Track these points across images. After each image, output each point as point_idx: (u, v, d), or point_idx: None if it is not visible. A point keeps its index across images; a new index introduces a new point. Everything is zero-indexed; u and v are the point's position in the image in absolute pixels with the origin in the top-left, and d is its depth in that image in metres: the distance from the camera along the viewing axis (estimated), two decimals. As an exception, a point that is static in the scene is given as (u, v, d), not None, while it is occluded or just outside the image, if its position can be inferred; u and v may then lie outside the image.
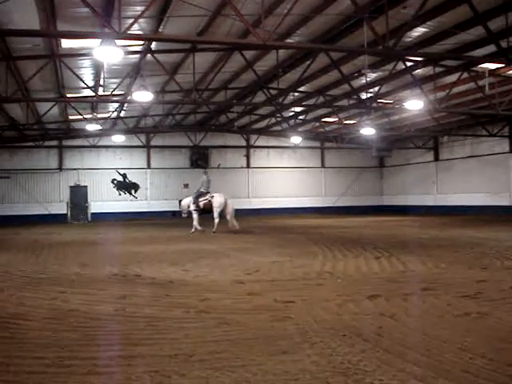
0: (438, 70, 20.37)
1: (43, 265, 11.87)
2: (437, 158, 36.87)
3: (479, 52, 17.42)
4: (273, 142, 39.30)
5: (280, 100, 24.88)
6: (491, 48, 16.13)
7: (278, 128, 35.82)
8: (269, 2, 13.76)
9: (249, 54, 18.84)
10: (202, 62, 19.66)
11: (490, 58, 17.33)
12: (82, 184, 35.12)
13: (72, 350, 5.22)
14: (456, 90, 21.95)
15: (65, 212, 34.17)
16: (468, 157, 33.91)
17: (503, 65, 18.00)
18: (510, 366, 4.48)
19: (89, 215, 34.40)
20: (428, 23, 15.50)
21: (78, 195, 34.48)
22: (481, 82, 20.49)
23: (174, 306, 7.08)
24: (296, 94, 25.66)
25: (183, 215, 23.07)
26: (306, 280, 9.12)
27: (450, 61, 19.25)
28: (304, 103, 26.40)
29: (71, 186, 34.77)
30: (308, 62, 19.62)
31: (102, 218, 34.07)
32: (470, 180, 33.38)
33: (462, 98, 24.89)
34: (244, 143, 39.25)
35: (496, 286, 8.08)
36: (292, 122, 33.12)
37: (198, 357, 4.89)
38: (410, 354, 4.87)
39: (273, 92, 24.37)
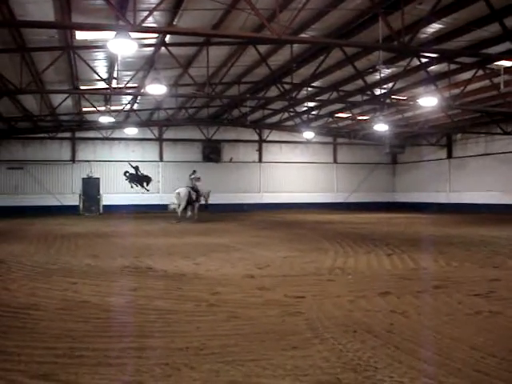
0: (453, 66, 20.23)
1: (55, 256, 11.94)
2: (450, 156, 36.65)
3: (495, 49, 17.29)
4: (285, 136, 39.20)
5: (293, 95, 24.83)
6: (507, 45, 16.03)
7: (290, 123, 35.76)
8: (284, -4, 13.73)
9: (263, 48, 18.80)
10: (216, 55, 19.65)
11: (505, 56, 17.22)
12: (95, 176, 35.27)
13: (83, 341, 5.25)
14: (470, 87, 21.80)
15: (77, 203, 34.33)
16: (482, 155, 33.69)
17: (519, 62, 17.87)
18: (522, 366, 4.46)
19: (101, 207, 34.54)
20: (444, 19, 15.39)
21: (91, 187, 34.65)
22: (496, 80, 20.34)
23: (186, 299, 7.10)
24: (309, 88, 25.57)
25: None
26: (317, 276, 9.11)
27: (465, 58, 19.11)
28: (317, 98, 26.31)
29: (84, 178, 34.94)
30: (322, 57, 19.57)
31: (113, 210, 34.16)
32: (483, 178, 33.16)
33: (476, 96, 24.70)
34: (256, 138, 39.19)
35: (508, 285, 8.04)
36: (305, 117, 33.04)
37: (209, 350, 4.90)
38: (421, 352, 4.85)
39: (286, 87, 24.32)
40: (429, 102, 21.20)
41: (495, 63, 19.48)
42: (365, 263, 10.58)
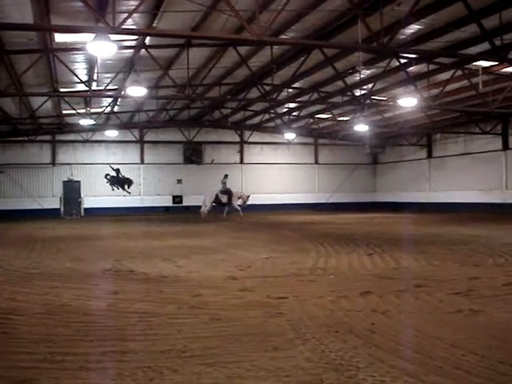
0: (432, 67, 20.38)
1: (36, 260, 11.84)
2: (430, 156, 36.93)
3: (473, 50, 17.45)
4: (266, 138, 39.25)
5: (274, 96, 24.86)
6: (485, 46, 16.18)
7: (271, 124, 35.81)
8: (263, -3, 13.76)
9: (243, 49, 18.81)
10: (196, 57, 19.62)
11: (483, 56, 17.37)
12: (75, 179, 35.04)
13: (64, 345, 5.21)
14: (449, 87, 21.97)
15: (58, 207, 34.08)
16: (461, 154, 33.97)
17: (497, 62, 18.03)
18: (501, 363, 4.49)
19: (82, 210, 34.32)
20: (422, 20, 15.50)
21: (71, 190, 34.42)
22: (474, 80, 20.50)
23: (167, 302, 7.08)
24: (290, 90, 25.63)
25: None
26: (299, 276, 9.13)
27: (444, 58, 19.27)
28: (298, 99, 26.37)
29: (64, 181, 34.70)
30: (302, 59, 19.63)
31: (95, 213, 33.96)
32: (462, 177, 33.44)
33: (455, 96, 24.92)
34: (238, 139, 39.19)
35: (488, 283, 8.11)
36: (286, 118, 33.10)
37: (191, 352, 4.89)
38: (403, 351, 4.89)
39: (267, 88, 24.36)
40: (408, 102, 21.35)
41: (473, 63, 19.63)
42: (346, 263, 10.62)
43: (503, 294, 7.35)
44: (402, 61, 19.35)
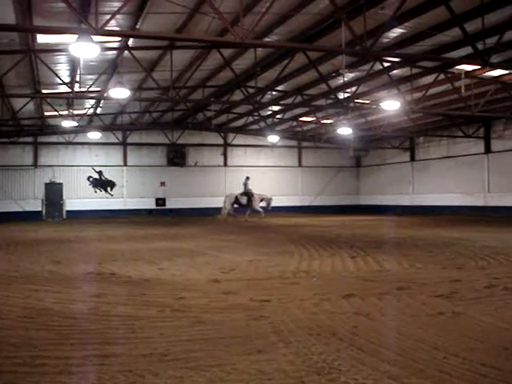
0: (415, 70, 20.52)
1: (17, 263, 11.72)
2: (413, 159, 37.17)
3: (456, 53, 17.60)
4: (250, 140, 39.27)
5: (258, 99, 24.88)
6: (468, 50, 16.29)
7: (255, 127, 35.82)
8: (247, 0, 13.74)
9: (227, 52, 18.79)
10: (180, 59, 19.57)
11: (466, 60, 17.52)
12: (58, 181, 34.85)
13: (45, 349, 5.15)
14: (432, 91, 22.13)
15: (40, 209, 33.86)
16: (444, 157, 34.23)
17: (479, 66, 18.18)
18: (483, 366, 4.51)
19: (64, 213, 34.15)
20: (405, 24, 15.58)
21: (53, 192, 34.22)
22: (457, 84, 20.67)
23: (149, 305, 7.03)
24: (274, 92, 25.66)
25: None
26: (282, 279, 9.11)
27: (427, 62, 19.39)
28: (281, 102, 26.38)
29: (46, 183, 34.49)
30: (286, 61, 19.64)
31: (77, 215, 33.78)
32: (445, 180, 33.69)
33: (438, 99, 25.11)
34: (221, 141, 39.17)
35: (470, 286, 8.15)
36: (269, 120, 33.15)
37: (173, 356, 4.86)
38: (385, 353, 4.89)
39: (250, 91, 24.38)
40: (391, 105, 21.45)
41: (456, 67, 19.80)
42: (329, 266, 10.63)
43: (485, 297, 7.39)
44: (386, 64, 19.48)
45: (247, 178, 29.84)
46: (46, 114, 28.97)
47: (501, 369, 4.44)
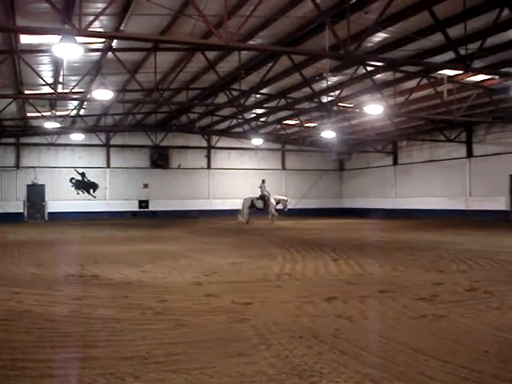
0: (398, 75, 20.65)
1: (-3, 264, 11.62)
2: (395, 162, 37.36)
3: (438, 58, 17.72)
4: (234, 143, 39.25)
5: (242, 101, 24.88)
6: (450, 55, 16.41)
7: (239, 129, 35.82)
8: (232, 3, 13.74)
9: (211, 54, 18.78)
10: (164, 61, 19.52)
11: (448, 65, 17.65)
12: (40, 182, 34.56)
13: (25, 352, 5.11)
14: (415, 95, 22.26)
15: (21, 211, 33.58)
16: (426, 161, 34.44)
17: (461, 71, 18.33)
18: (464, 368, 4.54)
19: (46, 214, 33.90)
20: (389, 29, 15.67)
21: (36, 194, 33.97)
22: (439, 88, 20.83)
23: (131, 308, 7.00)
24: (258, 95, 25.68)
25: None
26: (265, 282, 9.12)
27: (410, 66, 19.51)
28: (265, 105, 26.42)
29: (28, 185, 34.21)
30: (270, 65, 19.68)
31: (59, 217, 33.53)
32: (427, 184, 33.88)
33: (420, 104, 25.27)
34: (205, 144, 39.09)
35: (451, 289, 8.21)
36: (253, 123, 33.15)
37: (154, 359, 4.84)
38: (366, 356, 4.90)
39: (234, 93, 24.37)
40: (375, 109, 21.55)
41: (439, 72, 19.95)
42: (312, 269, 10.65)
43: (466, 300, 7.45)
44: (369, 68, 19.57)
45: (263, 182, 29.54)
46: (29, 114, 28.76)
47: (481, 372, 4.47)
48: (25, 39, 16.41)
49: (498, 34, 15.39)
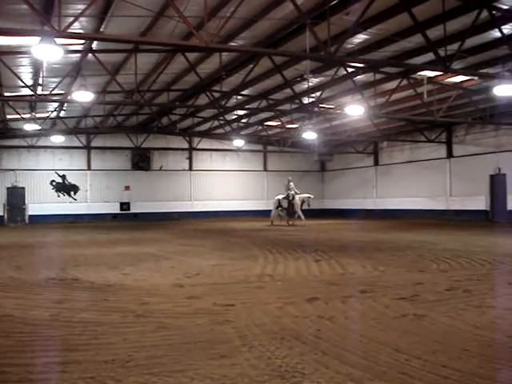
0: (379, 76, 20.74)
1: (-24, 268, 11.50)
2: (376, 163, 37.56)
3: (418, 60, 17.84)
4: (216, 144, 39.21)
5: (223, 103, 24.86)
6: (430, 56, 16.52)
7: (220, 131, 35.76)
8: (212, 4, 13.72)
9: (192, 55, 18.73)
10: (145, 62, 19.44)
11: (428, 66, 17.78)
12: (20, 185, 34.26)
13: (5, 356, 5.08)
14: (396, 96, 22.37)
15: (1, 214, 33.25)
16: (407, 162, 34.66)
17: (441, 72, 18.46)
18: (444, 367, 4.58)
19: (26, 217, 33.62)
20: (369, 30, 15.75)
21: (16, 197, 33.67)
22: (419, 89, 20.97)
23: (112, 311, 6.97)
24: (239, 97, 25.67)
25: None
26: (247, 283, 9.12)
27: (390, 68, 19.62)
28: (247, 106, 26.41)
29: (8, 188, 33.90)
30: (251, 66, 19.67)
31: (40, 220, 33.25)
32: (408, 184, 34.12)
33: (401, 105, 25.42)
34: (186, 145, 39.01)
35: (432, 289, 8.27)
36: (235, 125, 33.13)
37: (135, 362, 4.82)
38: (348, 356, 4.93)
39: (216, 95, 24.34)
40: (355, 110, 21.62)
41: (419, 73, 20.08)
42: (294, 270, 10.68)
43: (446, 299, 7.51)
44: (350, 70, 19.63)
45: (289, 181, 28.94)
46: (8, 117, 28.45)
47: (461, 370, 4.51)
48: (3, 41, 16.24)
49: (477, 36, 15.53)
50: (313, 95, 23.52)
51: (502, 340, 5.46)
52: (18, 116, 26.21)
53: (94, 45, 17.32)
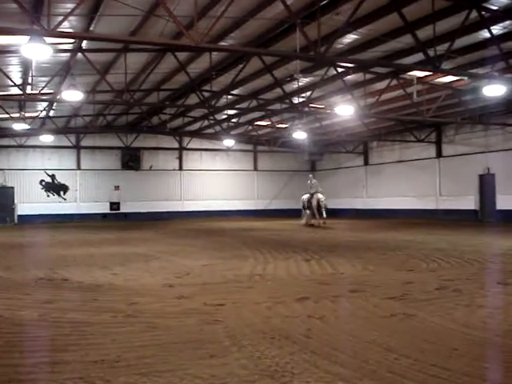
0: (369, 76, 20.77)
1: (-35, 268, 11.43)
2: (366, 163, 37.64)
3: (408, 60, 17.90)
4: (206, 144, 39.19)
5: (213, 103, 24.83)
6: (419, 56, 16.57)
7: (211, 130, 35.72)
8: (202, 3, 13.71)
9: (182, 55, 18.69)
10: (134, 62, 19.39)
11: (418, 66, 17.82)
12: (9, 185, 34.09)
13: (-7, 357, 5.04)
14: (385, 96, 22.43)
15: (-10, 214, 33.10)
16: (396, 161, 34.76)
17: (430, 73, 18.53)
18: (433, 366, 4.60)
19: (15, 217, 33.45)
20: (359, 30, 15.77)
21: (4, 196, 33.50)
22: (409, 89, 21.03)
23: (102, 311, 6.94)
24: (229, 96, 25.64)
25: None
26: (237, 283, 9.12)
27: (380, 68, 19.67)
28: (237, 106, 26.38)
29: (-3, 187, 33.73)
30: (241, 66, 19.65)
31: (29, 220, 33.10)
32: (398, 184, 34.22)
33: (391, 105, 25.47)
34: (177, 145, 38.95)
35: (421, 288, 8.30)
36: (225, 124, 33.09)
37: (125, 362, 4.81)
38: (337, 356, 4.93)
39: (206, 94, 24.31)
40: (345, 110, 21.65)
41: (408, 73, 20.15)
42: (284, 269, 10.68)
43: (435, 298, 7.54)
44: (340, 70, 19.66)
45: (310, 178, 28.53)
46: (-3, 116, 28.34)
47: (451, 369, 4.53)
48: (-8, 39, 16.18)
49: (466, 36, 15.60)
50: (303, 95, 23.56)
51: (492, 339, 5.49)
52: (6, 115, 26.06)
53: (84, 44, 17.24)
